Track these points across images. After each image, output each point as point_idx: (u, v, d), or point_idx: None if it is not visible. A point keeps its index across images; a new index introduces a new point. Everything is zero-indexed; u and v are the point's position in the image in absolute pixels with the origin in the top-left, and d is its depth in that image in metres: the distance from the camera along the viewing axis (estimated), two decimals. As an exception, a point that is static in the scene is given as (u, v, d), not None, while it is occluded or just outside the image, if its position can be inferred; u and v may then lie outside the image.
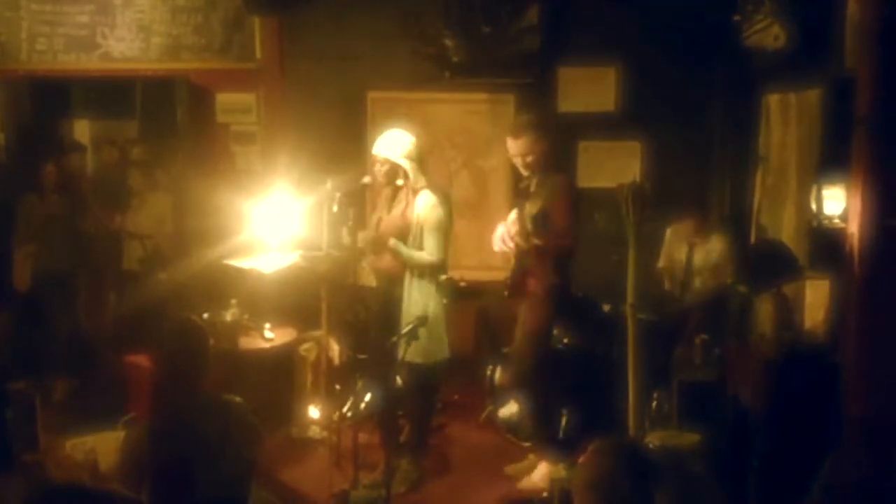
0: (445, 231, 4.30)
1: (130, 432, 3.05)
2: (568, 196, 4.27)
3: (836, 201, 3.83)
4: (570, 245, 4.24)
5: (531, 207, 4.26)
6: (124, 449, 2.93)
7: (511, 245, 4.29)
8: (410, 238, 4.27)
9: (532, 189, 4.35)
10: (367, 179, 4.49)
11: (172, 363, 2.90)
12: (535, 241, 4.17)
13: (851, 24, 3.85)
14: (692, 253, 5.17)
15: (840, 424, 3.39)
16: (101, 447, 4.36)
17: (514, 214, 4.31)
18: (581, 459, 1.93)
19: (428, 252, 4.25)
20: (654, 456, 1.97)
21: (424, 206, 4.26)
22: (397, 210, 4.33)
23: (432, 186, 4.35)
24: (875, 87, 3.28)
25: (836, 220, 3.81)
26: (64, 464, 4.22)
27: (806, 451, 3.36)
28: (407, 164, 4.27)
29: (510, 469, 4.57)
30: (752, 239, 5.26)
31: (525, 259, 4.29)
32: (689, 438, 4.19)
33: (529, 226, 4.18)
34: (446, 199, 4.38)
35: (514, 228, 4.26)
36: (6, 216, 5.96)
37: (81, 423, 4.72)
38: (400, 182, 4.33)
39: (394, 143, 4.30)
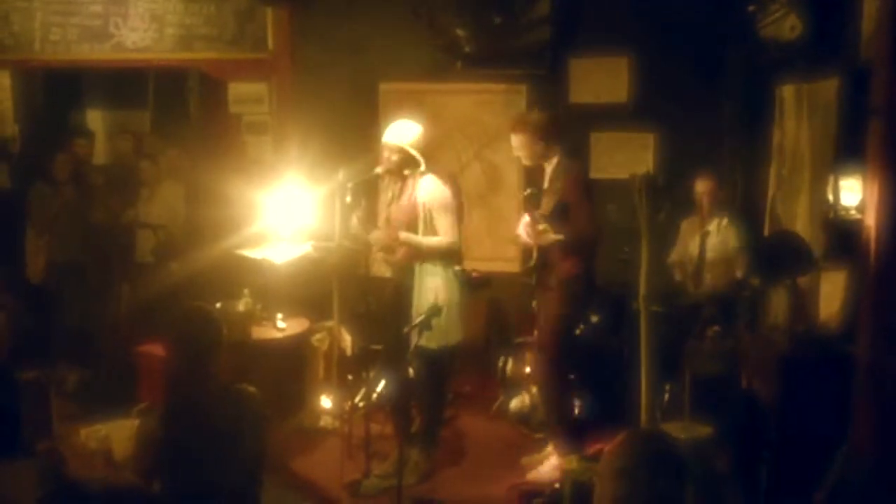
0: (455, 210, 4.30)
1: (144, 421, 3.07)
2: (582, 185, 4.26)
3: (853, 192, 3.80)
4: (592, 235, 4.22)
5: (547, 203, 4.25)
6: (138, 437, 2.94)
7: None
8: (421, 225, 4.27)
9: (546, 185, 4.34)
10: (379, 170, 4.49)
11: (185, 352, 2.91)
12: (554, 236, 4.15)
13: (868, 15, 3.81)
14: (705, 244, 5.14)
15: (852, 417, 3.37)
16: (115, 435, 4.39)
17: (526, 218, 4.28)
18: (609, 447, 1.90)
19: (442, 233, 4.25)
20: (683, 450, 1.94)
21: (429, 188, 4.26)
22: (404, 199, 4.33)
23: (438, 172, 4.34)
24: (891, 77, 3.25)
25: (853, 212, 3.79)
26: (78, 452, 4.25)
27: (818, 444, 3.35)
28: (416, 153, 4.27)
29: (526, 460, 4.57)
30: (766, 231, 5.24)
31: (547, 252, 4.28)
32: (701, 430, 4.18)
33: (541, 225, 4.16)
34: (455, 185, 4.37)
35: (529, 230, 4.25)
36: (20, 206, 6.00)
37: (94, 411, 4.75)
38: (407, 172, 4.32)
39: (404, 132, 4.30)
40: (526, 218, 4.29)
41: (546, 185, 4.34)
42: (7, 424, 2.46)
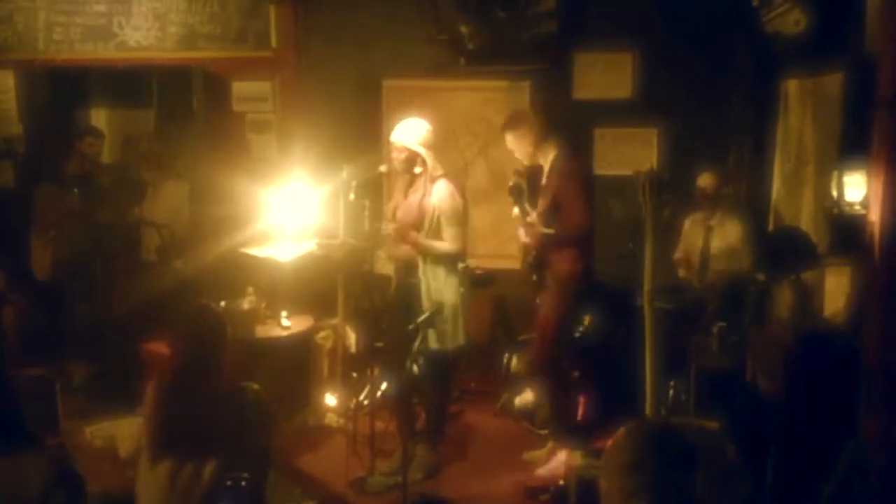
0: (463, 220, 4.30)
1: (152, 388, 3.00)
2: (576, 182, 4.26)
3: (857, 188, 3.78)
4: (584, 230, 4.22)
5: (543, 199, 4.25)
6: (148, 403, 2.91)
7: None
8: (427, 226, 4.26)
9: (544, 181, 4.34)
10: (383, 168, 4.50)
11: (190, 350, 2.91)
12: (546, 230, 4.16)
13: (872, 8, 3.79)
14: (709, 238, 5.14)
15: (859, 412, 3.36)
16: (121, 433, 4.40)
17: (516, 210, 4.30)
18: (611, 441, 1.87)
19: (448, 241, 4.25)
20: (691, 437, 1.90)
21: (442, 194, 4.26)
22: (415, 198, 4.32)
23: (449, 175, 4.35)
24: (897, 71, 3.23)
25: (857, 207, 3.77)
26: (84, 450, 4.27)
27: (824, 439, 3.33)
28: (424, 152, 4.27)
29: (528, 455, 4.58)
30: (771, 226, 5.22)
31: (543, 248, 4.28)
32: (706, 426, 4.17)
33: (530, 218, 4.18)
34: (461, 189, 4.38)
35: (519, 223, 4.26)
36: (25, 205, 6.01)
37: (100, 408, 4.77)
38: (418, 170, 4.32)
39: (411, 131, 4.29)
40: (516, 210, 4.32)
41: (544, 181, 4.35)
42: (8, 422, 2.47)
